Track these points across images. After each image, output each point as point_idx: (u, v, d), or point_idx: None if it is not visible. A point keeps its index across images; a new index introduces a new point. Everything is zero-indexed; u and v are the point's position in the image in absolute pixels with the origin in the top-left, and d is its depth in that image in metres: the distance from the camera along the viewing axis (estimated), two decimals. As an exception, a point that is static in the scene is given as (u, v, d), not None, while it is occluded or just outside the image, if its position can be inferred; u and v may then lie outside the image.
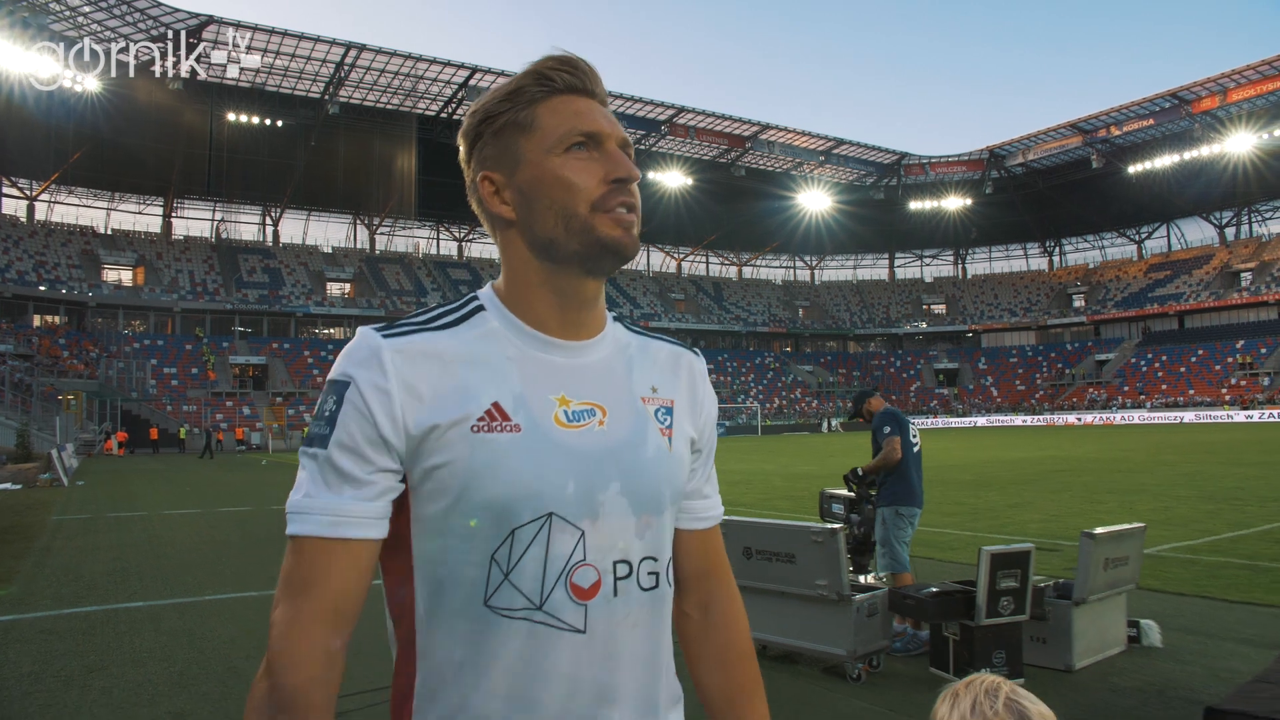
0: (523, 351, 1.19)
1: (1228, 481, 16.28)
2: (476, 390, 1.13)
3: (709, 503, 1.38)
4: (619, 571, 1.16)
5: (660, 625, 1.22)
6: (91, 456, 40.04)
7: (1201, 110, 67.30)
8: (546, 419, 1.15)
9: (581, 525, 1.13)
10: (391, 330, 1.15)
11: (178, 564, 10.11)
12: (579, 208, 1.15)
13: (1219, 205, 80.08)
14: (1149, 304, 79.46)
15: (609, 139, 1.19)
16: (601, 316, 1.26)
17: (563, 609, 1.12)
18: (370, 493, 1.10)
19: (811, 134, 75.72)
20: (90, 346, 54.30)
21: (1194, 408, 63.92)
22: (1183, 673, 5.02)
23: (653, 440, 1.21)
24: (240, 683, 5.26)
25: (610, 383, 1.22)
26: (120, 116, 53.58)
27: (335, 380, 1.13)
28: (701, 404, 1.35)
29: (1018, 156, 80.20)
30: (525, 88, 1.18)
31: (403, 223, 77.84)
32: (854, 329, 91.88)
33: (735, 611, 1.38)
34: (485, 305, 1.22)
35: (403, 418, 1.10)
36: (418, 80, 58.67)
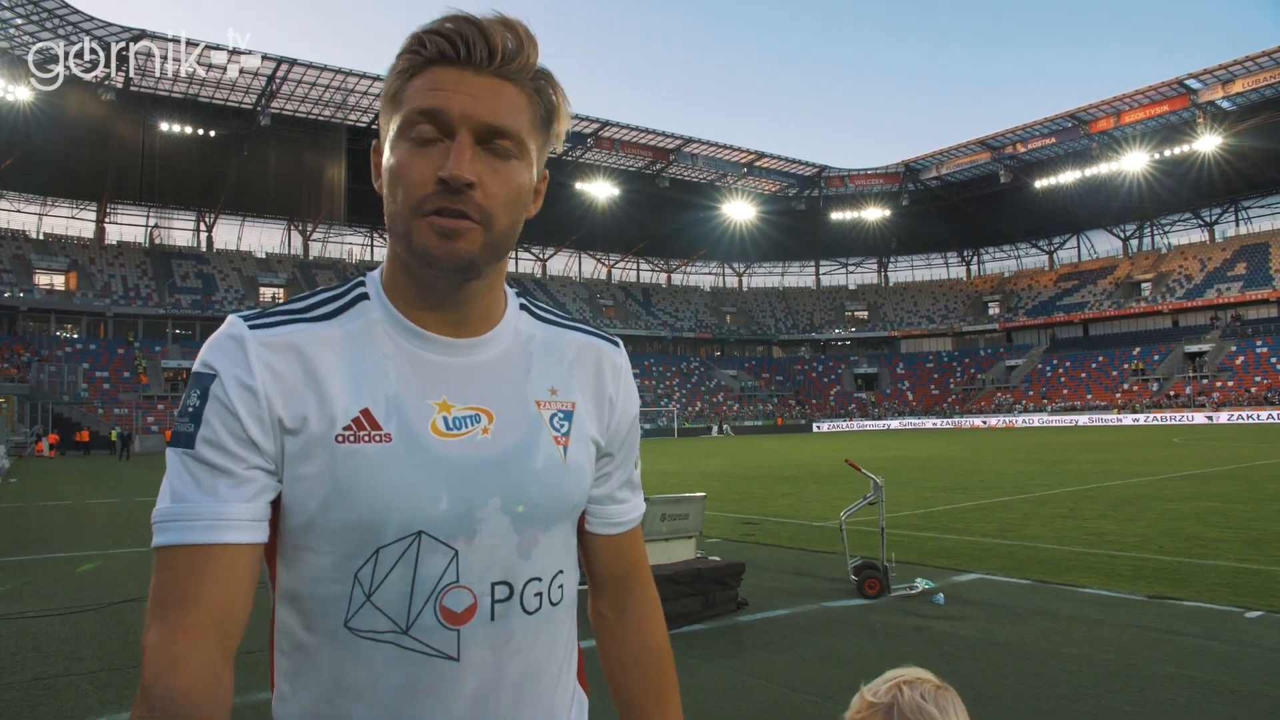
0: (401, 348, 1.08)
1: (991, 475, 19.37)
2: (345, 394, 1.03)
3: (623, 507, 1.29)
4: (498, 594, 1.06)
5: (550, 648, 1.14)
6: (23, 458, 41.42)
7: (1098, 130, 70.99)
8: (422, 427, 1.05)
9: (455, 544, 1.04)
10: (262, 320, 1.06)
11: (92, 530, 12.99)
12: (402, 207, 1.02)
13: (1123, 219, 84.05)
14: (1056, 312, 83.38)
15: (460, 124, 1.01)
16: (494, 309, 1.16)
17: (431, 634, 1.03)
18: (248, 491, 1.01)
19: (734, 147, 78.52)
20: (21, 350, 55.27)
21: (1089, 411, 67.56)
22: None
23: (544, 449, 1.12)
24: (132, 612, 7.70)
25: (501, 385, 1.13)
26: (53, 125, 54.58)
27: (199, 373, 1.04)
28: (613, 403, 1.24)
29: (932, 170, 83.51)
30: (403, 53, 1.05)
31: (337, 229, 79.31)
32: (779, 334, 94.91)
33: (651, 614, 1.31)
34: (369, 292, 1.12)
35: (268, 417, 1.01)
36: (348, 94, 60.41)
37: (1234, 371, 65.05)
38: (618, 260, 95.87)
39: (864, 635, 6.02)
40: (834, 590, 7.48)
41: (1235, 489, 14.85)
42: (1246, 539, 9.46)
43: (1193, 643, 5.55)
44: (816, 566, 8.65)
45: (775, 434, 68.65)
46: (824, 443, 45.30)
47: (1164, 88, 65.17)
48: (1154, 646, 5.50)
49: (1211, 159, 68.16)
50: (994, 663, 5.26)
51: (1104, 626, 6.03)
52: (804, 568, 8.71)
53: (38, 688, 5.20)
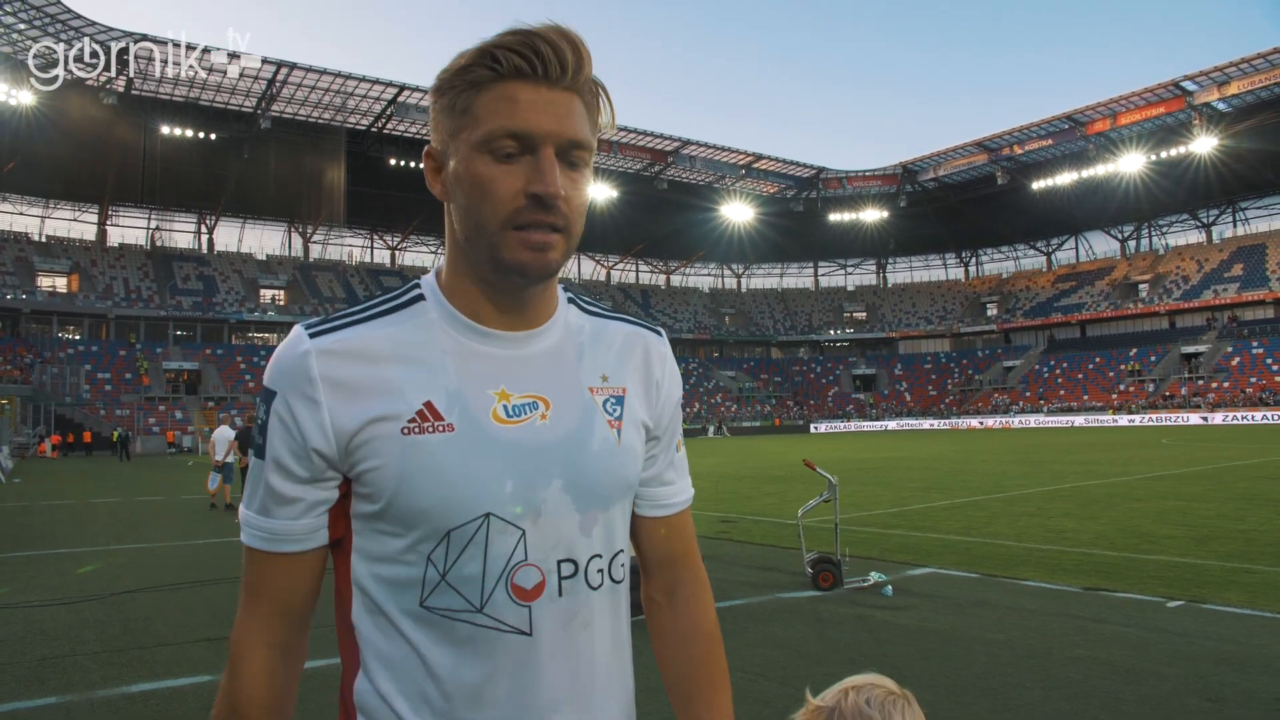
0: (460, 344, 1.15)
1: (973, 476, 19.80)
2: (408, 389, 1.10)
3: (672, 489, 1.34)
4: (563, 571, 1.12)
5: (613, 623, 1.19)
6: (26, 458, 42.00)
7: (1095, 132, 71.37)
8: (483, 415, 1.11)
9: (522, 525, 1.10)
10: (323, 327, 1.12)
11: (94, 527, 13.46)
12: (489, 221, 1.07)
13: (1121, 220, 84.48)
14: (1054, 313, 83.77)
15: (545, 142, 1.06)
16: (548, 302, 1.21)
17: (505, 611, 1.09)
18: (298, 509, 1.11)
19: (731, 149, 78.97)
20: (24, 352, 55.81)
21: (1085, 412, 67.93)
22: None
23: (599, 433, 1.18)
24: (123, 598, 8.15)
25: (556, 373, 1.18)
26: (55, 129, 55.15)
27: (265, 388, 1.12)
28: (659, 387, 1.30)
29: (929, 172, 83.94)
30: (472, 66, 1.07)
31: (337, 231, 79.84)
32: (777, 335, 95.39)
33: (701, 597, 1.35)
34: (425, 294, 1.18)
35: (331, 424, 1.08)
36: (348, 96, 60.92)
37: (1230, 372, 65.40)
38: (617, 262, 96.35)
39: (809, 623, 6.47)
40: (792, 583, 7.93)
41: (1205, 488, 15.27)
42: (1195, 536, 9.90)
43: (1111, 629, 6.00)
44: (782, 562, 9.09)
45: (773, 435, 69.08)
46: (819, 443, 45.77)
47: (1160, 89, 65.57)
48: (1074, 633, 5.94)
49: (1208, 160, 68.54)
50: (921, 647, 5.71)
51: (1035, 616, 6.48)
52: (769, 563, 9.15)
53: (44, 666, 5.69)
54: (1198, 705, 4.46)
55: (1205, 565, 8.13)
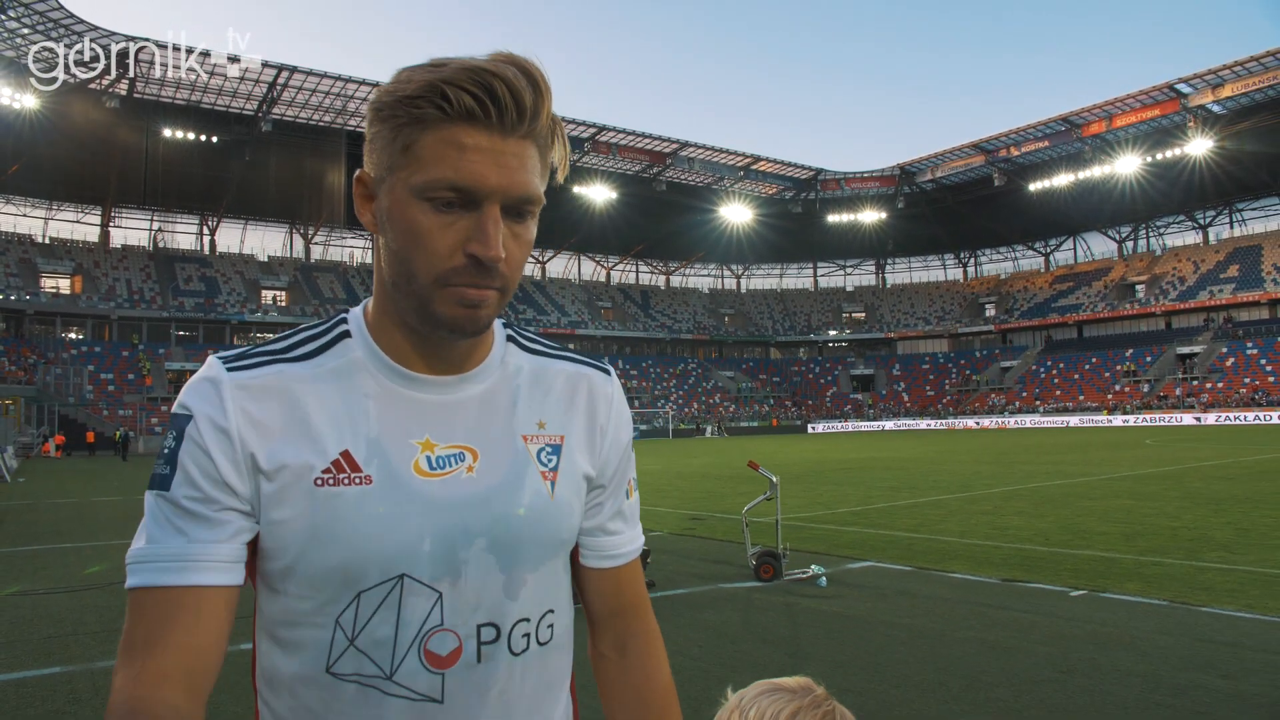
0: (384, 388, 1.06)
1: (945, 475, 20.47)
2: (325, 436, 1.02)
3: (619, 539, 1.26)
4: (484, 636, 1.05)
5: (537, 689, 1.12)
6: (30, 458, 42.65)
7: (1090, 134, 71.81)
8: (404, 467, 1.03)
9: (439, 587, 1.02)
10: (240, 361, 1.05)
11: (97, 524, 14.17)
12: (420, 274, 0.99)
13: (1119, 221, 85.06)
14: (1051, 314, 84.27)
15: (491, 199, 0.98)
16: (482, 344, 1.13)
17: (415, 678, 1.02)
18: (223, 533, 1.00)
19: (730, 151, 79.58)
20: (28, 353, 56.53)
21: (1081, 413, 68.42)
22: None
23: (531, 486, 1.10)
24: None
25: (486, 421, 1.10)
26: (58, 132, 55.89)
27: (175, 414, 1.04)
28: (604, 433, 1.21)
29: (927, 173, 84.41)
30: (419, 100, 0.96)
31: (338, 232, 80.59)
32: (776, 336, 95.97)
33: (655, 651, 1.27)
34: (351, 330, 1.10)
35: (242, 460, 1.00)
36: (348, 100, 61.56)
37: (1224, 373, 65.83)
38: (616, 262, 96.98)
39: (739, 609, 7.14)
40: (737, 575, 8.60)
41: (1160, 488, 15.91)
42: (1126, 533, 10.55)
43: (1008, 615, 6.65)
44: (734, 556, 9.75)
45: (770, 435, 69.67)
46: (814, 443, 46.37)
47: (1155, 92, 66.04)
48: (973, 618, 6.60)
49: (1203, 162, 68.99)
50: (830, 629, 6.38)
51: (946, 603, 7.14)
52: (723, 557, 9.82)
53: (50, 643, 6.41)
54: (1050, 676, 5.12)
55: (1122, 559, 8.79)
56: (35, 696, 5.17)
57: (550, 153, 1.05)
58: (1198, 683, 4.91)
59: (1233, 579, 7.65)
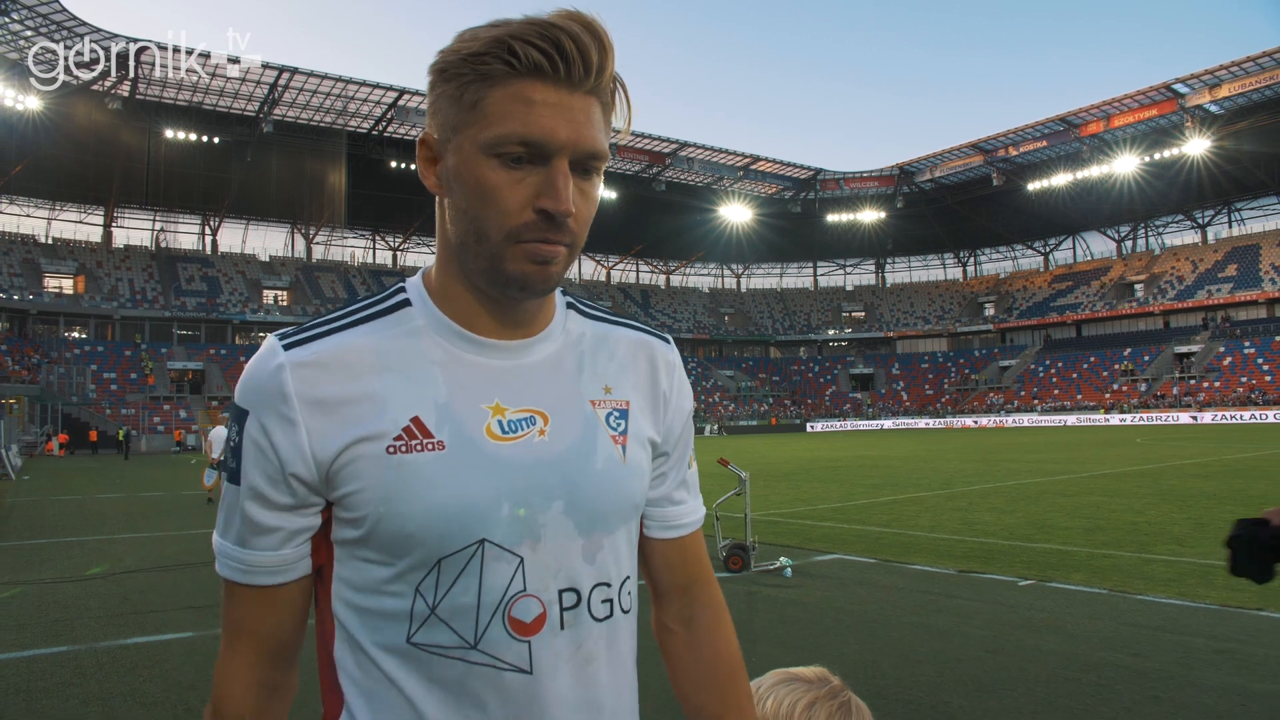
0: (450, 353, 1.06)
1: (929, 473, 20.91)
2: (393, 403, 1.01)
3: (683, 509, 1.26)
4: (565, 601, 1.03)
5: (620, 657, 1.10)
6: (34, 457, 43.19)
7: (1088, 134, 72.06)
8: (476, 432, 1.02)
9: (520, 551, 1.01)
10: (299, 336, 1.04)
11: (99, 519, 14.69)
12: (492, 231, 0.99)
13: (1118, 220, 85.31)
14: (1050, 313, 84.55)
15: (560, 153, 0.98)
16: (546, 308, 1.13)
17: (502, 647, 1.00)
18: (277, 538, 1.02)
19: (729, 151, 79.91)
20: (32, 353, 57.03)
21: (1078, 411, 68.61)
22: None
23: (603, 450, 1.09)
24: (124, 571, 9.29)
25: (555, 385, 1.10)
26: (61, 133, 56.44)
27: (236, 406, 1.03)
28: (667, 400, 1.22)
29: (926, 173, 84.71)
30: (485, 56, 0.97)
31: (339, 232, 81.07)
32: (776, 335, 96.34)
33: (721, 622, 1.26)
34: (412, 298, 1.10)
35: (309, 445, 0.99)
36: (349, 100, 62.03)
37: (1221, 372, 66.08)
38: (617, 262, 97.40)
39: (704, 597, 7.54)
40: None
41: (1134, 485, 16.32)
42: (1087, 527, 10.98)
43: (954, 602, 7.09)
44: (709, 549, 10.17)
45: (768, 434, 70.03)
46: (810, 442, 46.81)
47: (1152, 92, 66.31)
48: (921, 605, 7.04)
49: (1201, 162, 69.25)
50: (784, 614, 6.81)
51: (899, 592, 7.57)
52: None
53: (57, 625, 6.90)
54: (976, 655, 5.56)
55: (1077, 552, 9.22)
56: (44, 671, 5.64)
57: (613, 111, 1.05)
58: (1109, 660, 5.35)
59: (1175, 570, 8.08)
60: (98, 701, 5.01)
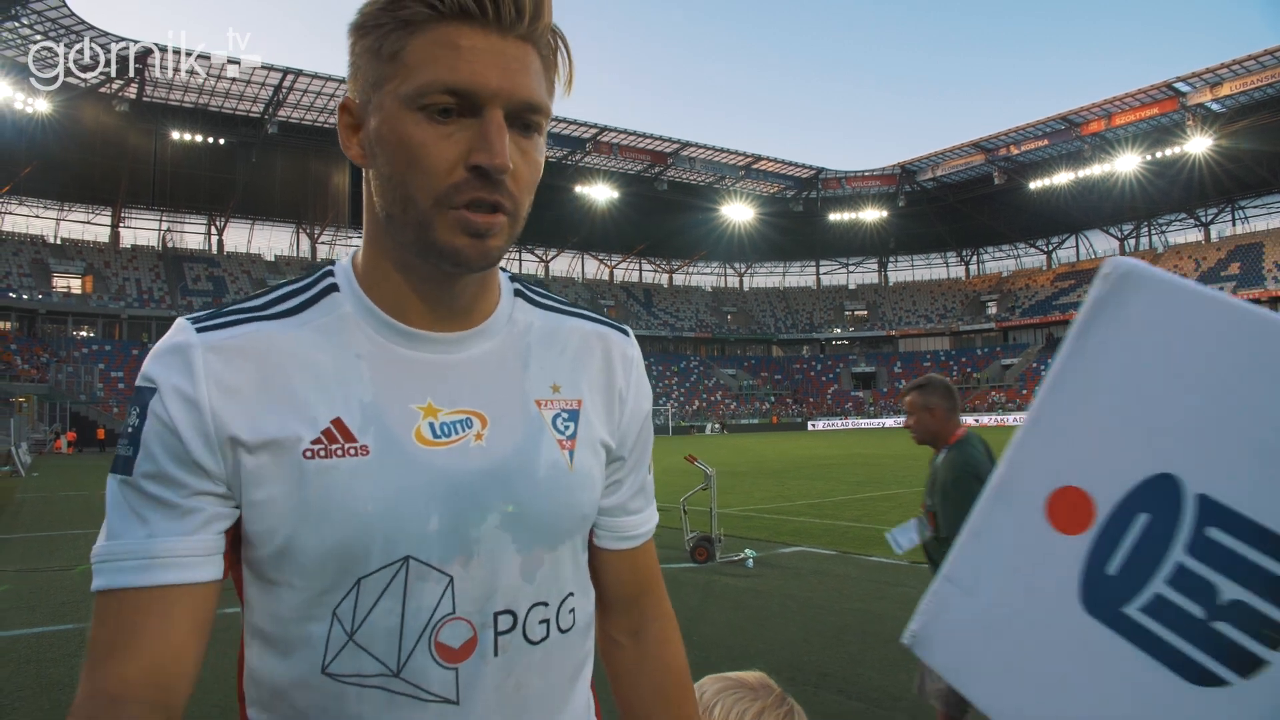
0: (379, 347, 0.95)
1: (912, 472, 21.14)
2: (312, 402, 0.90)
3: (637, 518, 1.16)
4: (500, 625, 0.94)
5: (553, 683, 1.01)
6: (43, 454, 43.77)
7: (1090, 132, 72.12)
8: (405, 435, 0.91)
9: (449, 570, 0.91)
10: (212, 320, 0.93)
11: (103, 515, 15.07)
12: (419, 195, 0.87)
13: (1121, 219, 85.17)
14: (1053, 311, 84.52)
15: (493, 101, 0.86)
16: (488, 295, 1.02)
17: (427, 676, 0.90)
18: (191, 523, 0.88)
19: (730, 150, 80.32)
20: (40, 352, 57.66)
21: (1077, 409, 68.91)
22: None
23: (547, 456, 0.98)
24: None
25: (495, 383, 0.99)
26: (69, 135, 57.03)
27: (139, 387, 0.91)
28: (624, 399, 1.10)
29: (928, 172, 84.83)
30: (405, 1, 0.86)
31: (344, 232, 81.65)
32: (778, 334, 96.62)
33: (670, 635, 1.19)
34: (340, 284, 0.98)
35: (215, 435, 0.88)
36: (353, 102, 62.49)
37: (1222, 371, 66.22)
38: (619, 261, 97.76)
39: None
40: (676, 558, 9.55)
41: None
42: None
43: (899, 590, 7.63)
44: (676, 540, 10.68)
45: (769, 432, 70.41)
46: (808, 440, 47.36)
47: (1153, 90, 66.24)
48: (868, 593, 7.58)
49: (1203, 160, 69.16)
50: (736, 601, 7.35)
51: (851, 581, 8.10)
52: (667, 542, 10.72)
53: (64, 606, 7.54)
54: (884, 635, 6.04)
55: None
56: (52, 644, 6.28)
57: (553, 68, 0.95)
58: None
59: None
60: None
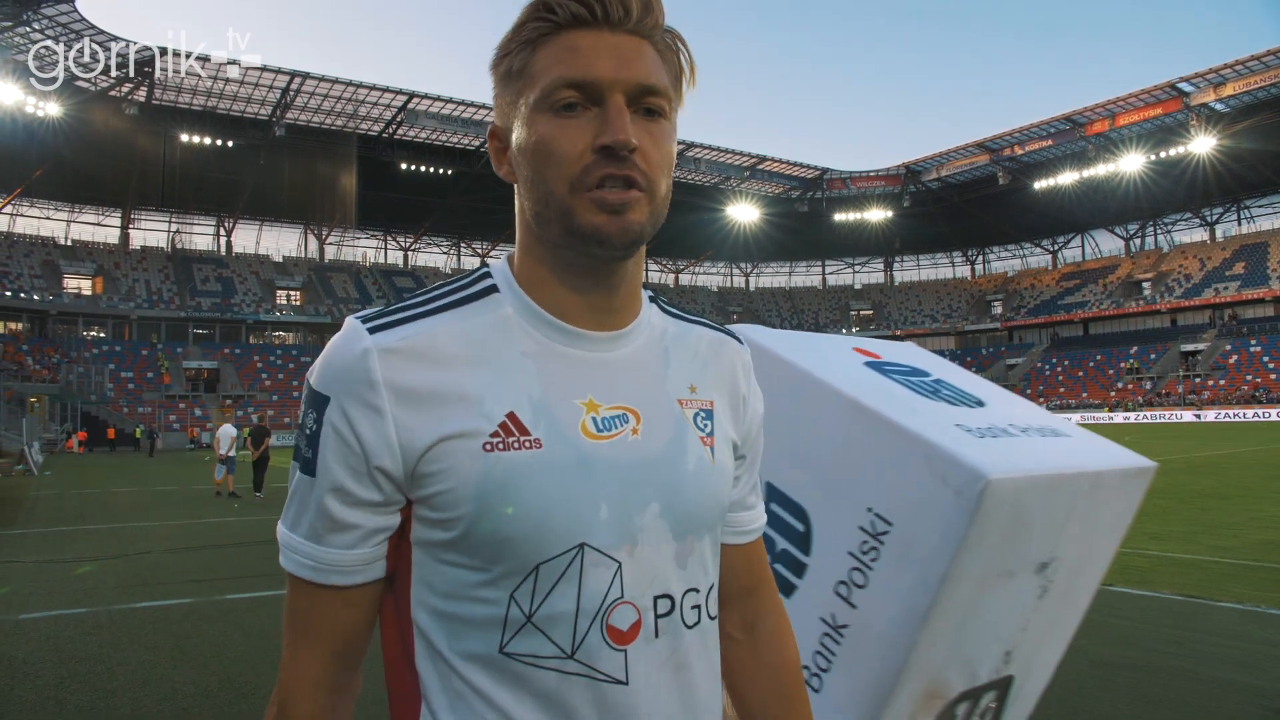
0: (542, 345, 0.99)
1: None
2: (488, 398, 0.94)
3: (753, 514, 1.20)
4: (660, 608, 0.98)
5: (711, 664, 1.05)
6: (54, 454, 44.40)
7: (1094, 133, 72.10)
8: (572, 429, 0.96)
9: (618, 556, 0.95)
10: (383, 321, 0.96)
11: (116, 510, 15.87)
12: (556, 185, 0.94)
13: (1126, 218, 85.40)
14: (1058, 311, 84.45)
15: (612, 89, 0.93)
16: (634, 299, 1.08)
17: (599, 657, 0.94)
18: (354, 536, 0.95)
19: (735, 151, 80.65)
20: (51, 352, 58.30)
21: (1082, 410, 68.39)
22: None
23: (693, 450, 1.03)
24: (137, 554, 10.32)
25: (645, 381, 1.04)
26: (79, 138, 57.71)
27: (315, 392, 0.95)
28: (746, 402, 1.16)
29: (932, 172, 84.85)
30: (526, 23, 0.96)
31: (351, 233, 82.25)
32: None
33: (784, 628, 1.23)
34: (499, 284, 1.03)
35: (397, 437, 0.92)
36: (359, 104, 63.16)
37: (1227, 370, 66.15)
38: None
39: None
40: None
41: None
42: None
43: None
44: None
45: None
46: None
47: (1157, 90, 66.27)
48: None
49: (1207, 160, 69.23)
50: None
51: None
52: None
53: (78, 593, 8.11)
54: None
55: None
56: (68, 625, 6.84)
57: (673, 64, 1.01)
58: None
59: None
60: (110, 646, 6.17)
